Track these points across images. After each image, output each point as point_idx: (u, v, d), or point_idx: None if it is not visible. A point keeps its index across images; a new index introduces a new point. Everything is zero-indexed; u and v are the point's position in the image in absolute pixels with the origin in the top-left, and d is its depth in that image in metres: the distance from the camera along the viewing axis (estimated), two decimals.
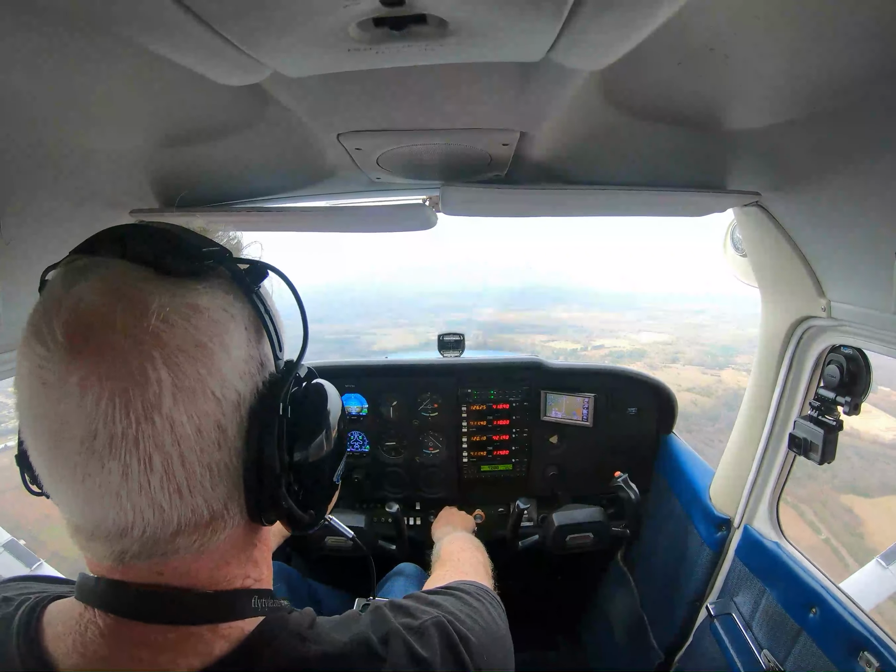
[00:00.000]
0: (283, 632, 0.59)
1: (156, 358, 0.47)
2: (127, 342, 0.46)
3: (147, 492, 0.48)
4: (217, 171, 1.29)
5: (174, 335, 0.48)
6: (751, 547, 1.70)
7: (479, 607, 0.78)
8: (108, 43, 0.67)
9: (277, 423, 0.55)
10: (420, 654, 0.62)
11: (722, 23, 0.67)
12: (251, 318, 0.57)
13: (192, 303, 0.51)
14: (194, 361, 0.49)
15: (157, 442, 0.47)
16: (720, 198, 1.29)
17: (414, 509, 2.51)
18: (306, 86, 0.84)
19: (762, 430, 1.68)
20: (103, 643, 0.53)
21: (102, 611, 0.54)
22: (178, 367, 0.48)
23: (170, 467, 0.49)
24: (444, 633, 0.67)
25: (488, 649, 0.71)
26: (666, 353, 26.36)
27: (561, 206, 1.43)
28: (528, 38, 0.66)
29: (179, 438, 0.49)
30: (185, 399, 0.48)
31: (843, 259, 1.20)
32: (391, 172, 1.35)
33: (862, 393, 1.39)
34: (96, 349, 0.46)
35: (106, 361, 0.46)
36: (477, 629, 0.72)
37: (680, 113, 0.96)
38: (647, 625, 2.18)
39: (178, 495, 0.50)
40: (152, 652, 0.53)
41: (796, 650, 1.41)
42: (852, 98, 0.79)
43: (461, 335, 2.52)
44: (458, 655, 0.66)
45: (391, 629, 0.64)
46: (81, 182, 1.16)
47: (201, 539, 0.53)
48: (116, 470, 0.47)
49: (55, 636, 0.55)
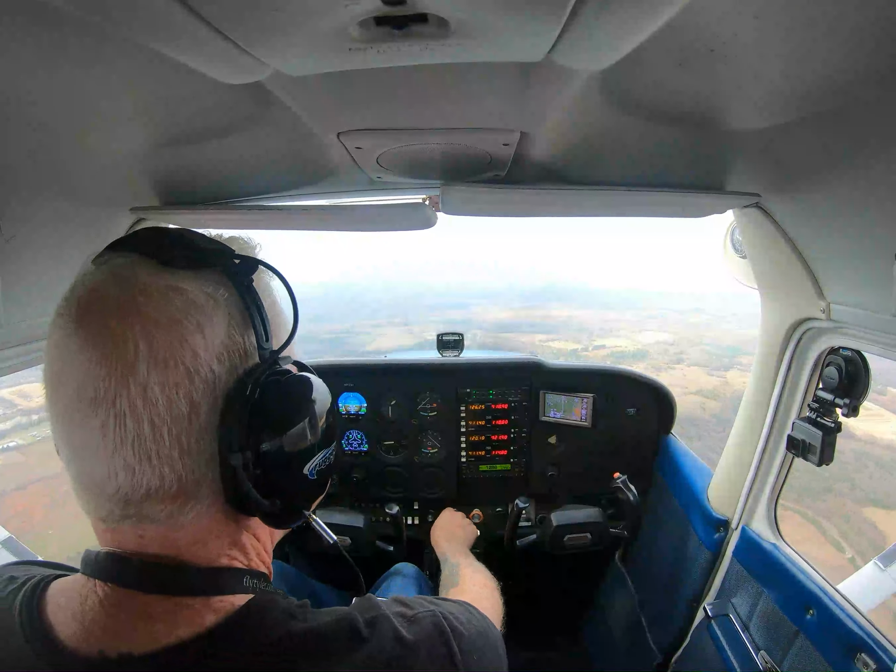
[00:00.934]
0: (273, 609, 0.62)
1: (135, 329, 0.53)
2: (115, 315, 0.54)
3: (119, 451, 0.53)
4: (217, 170, 1.29)
5: (152, 310, 0.55)
6: (748, 548, 1.70)
7: (479, 617, 0.79)
8: (108, 42, 0.68)
9: (245, 406, 0.58)
10: (406, 638, 0.64)
11: (722, 23, 0.67)
12: (239, 308, 0.61)
13: (174, 284, 0.57)
14: (168, 334, 0.54)
15: (130, 404, 0.53)
16: (720, 199, 1.30)
17: (412, 509, 2.52)
18: (307, 85, 0.84)
19: (761, 432, 1.68)
20: (101, 611, 0.56)
21: (102, 581, 0.58)
22: (154, 337, 0.54)
23: (141, 431, 0.53)
24: (436, 624, 0.69)
25: (481, 651, 0.71)
26: (669, 353, 26.06)
27: (561, 207, 1.43)
28: (529, 39, 0.66)
29: (150, 404, 0.53)
30: (157, 368, 0.54)
31: (843, 261, 1.20)
32: (391, 171, 1.35)
33: (861, 395, 1.39)
34: (93, 319, 0.54)
35: (98, 330, 0.54)
36: (473, 630, 0.73)
37: (680, 113, 0.96)
38: (644, 625, 2.19)
39: (147, 460, 0.54)
40: (147, 621, 0.56)
41: (793, 651, 1.41)
42: (852, 99, 0.79)
43: (460, 335, 2.53)
44: (449, 647, 0.67)
45: (380, 613, 0.66)
46: (82, 181, 1.16)
47: (170, 509, 0.57)
48: (97, 426, 0.53)
49: (56, 607, 0.59)
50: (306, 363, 0.73)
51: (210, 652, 0.56)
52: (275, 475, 0.62)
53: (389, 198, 1.60)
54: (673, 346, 27.45)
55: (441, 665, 0.65)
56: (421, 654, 0.64)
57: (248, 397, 0.58)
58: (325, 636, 0.60)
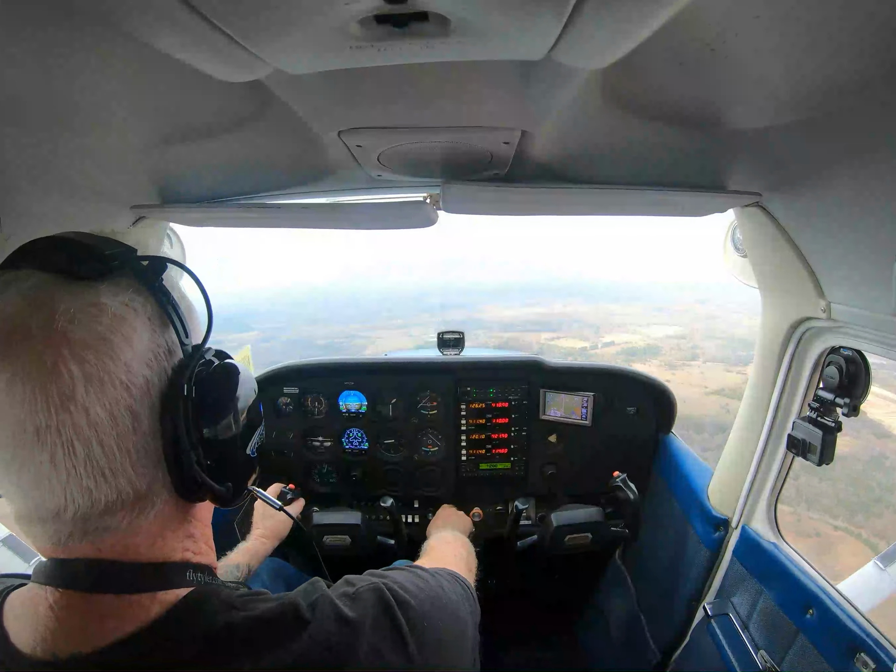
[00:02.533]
0: (212, 599, 0.62)
1: (65, 354, 0.52)
2: (40, 344, 0.52)
3: (73, 476, 0.54)
4: (218, 168, 1.29)
5: (79, 333, 0.54)
6: (748, 547, 1.70)
7: (428, 579, 0.81)
8: (109, 40, 0.67)
9: (183, 403, 0.60)
10: (347, 616, 0.65)
11: (723, 23, 0.67)
12: (154, 309, 0.62)
13: (94, 301, 0.56)
14: (99, 354, 0.54)
15: (76, 429, 0.53)
16: (721, 198, 1.29)
17: (412, 507, 2.52)
18: (308, 83, 0.84)
19: (761, 431, 1.68)
20: (52, 616, 0.57)
21: (52, 586, 0.58)
22: (86, 360, 0.53)
23: (91, 452, 0.54)
24: (379, 597, 0.69)
25: (431, 616, 0.72)
26: (681, 348, 25.03)
27: (561, 206, 1.43)
28: (530, 37, 0.66)
29: (95, 425, 0.54)
30: (95, 389, 0.53)
31: (843, 261, 1.20)
32: (392, 170, 1.35)
33: (861, 395, 1.39)
34: (16, 353, 0.52)
35: (25, 362, 0.52)
36: (421, 596, 0.74)
37: (681, 113, 0.96)
38: (644, 624, 2.19)
39: (102, 478, 0.55)
40: (97, 620, 0.57)
41: (793, 651, 1.41)
42: (853, 98, 0.79)
43: (461, 333, 2.53)
44: (394, 619, 0.68)
45: (322, 595, 0.67)
46: (82, 178, 1.16)
47: (129, 517, 0.59)
48: (45, 458, 0.53)
49: (13, 616, 0.60)
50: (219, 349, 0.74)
51: (152, 644, 0.57)
52: (224, 460, 0.67)
53: (390, 196, 1.59)
54: (685, 341, 26.42)
55: (387, 638, 0.66)
56: (365, 630, 0.64)
57: (181, 394, 0.60)
58: (267, 624, 0.61)
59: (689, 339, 26.60)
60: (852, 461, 11.61)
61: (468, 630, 0.81)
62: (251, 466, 0.74)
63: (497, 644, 2.48)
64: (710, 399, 18.98)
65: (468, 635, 0.80)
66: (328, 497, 2.47)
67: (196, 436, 0.62)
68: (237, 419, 0.68)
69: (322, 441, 2.46)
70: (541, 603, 2.80)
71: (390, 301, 44.13)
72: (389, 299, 46.01)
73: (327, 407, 2.44)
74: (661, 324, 30.84)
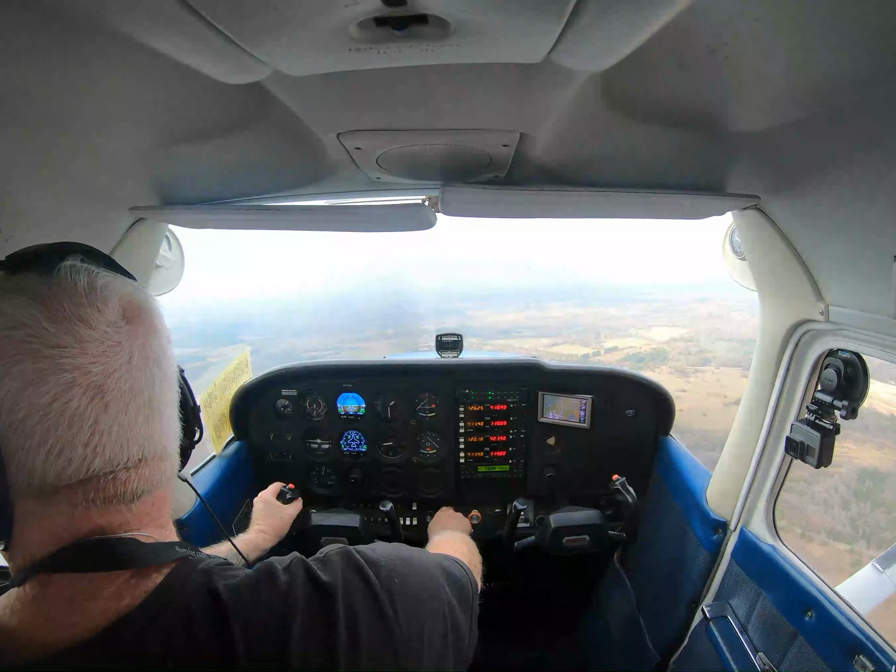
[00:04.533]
0: (194, 571, 0.65)
1: (138, 331, 0.64)
2: (119, 325, 0.61)
3: (93, 441, 0.57)
4: (217, 170, 1.29)
5: (146, 319, 0.66)
6: (747, 549, 1.70)
7: (404, 548, 0.86)
8: (109, 42, 0.67)
9: (185, 394, 0.77)
10: (321, 579, 0.68)
11: (722, 24, 0.67)
12: None
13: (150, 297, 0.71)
14: (158, 339, 0.67)
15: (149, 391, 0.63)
16: (719, 201, 1.30)
17: (411, 509, 2.52)
18: (307, 85, 0.84)
19: (759, 433, 1.68)
20: (50, 600, 0.58)
21: (45, 573, 0.58)
22: (148, 344, 0.65)
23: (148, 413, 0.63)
24: (348, 558, 0.73)
25: (403, 576, 0.75)
26: (690, 352, 24.04)
27: (560, 208, 1.43)
28: (529, 40, 0.66)
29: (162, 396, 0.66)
30: (150, 367, 0.64)
31: (842, 263, 1.20)
32: (391, 172, 1.35)
33: (859, 397, 1.39)
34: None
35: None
36: (392, 558, 0.77)
37: (680, 115, 0.97)
38: (643, 626, 2.19)
39: (118, 447, 0.59)
40: (95, 598, 0.58)
41: (792, 653, 1.41)
42: (852, 100, 0.80)
43: (459, 335, 2.53)
44: (365, 577, 0.71)
45: (295, 558, 0.72)
46: (81, 180, 1.16)
47: (149, 481, 0.63)
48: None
49: (3, 606, 0.60)
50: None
51: (147, 619, 0.59)
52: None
53: (389, 198, 1.60)
54: (692, 344, 25.53)
55: (361, 595, 0.69)
56: (339, 592, 0.67)
57: (183, 387, 0.74)
58: (246, 587, 0.64)
59: (696, 342, 25.72)
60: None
61: (445, 595, 0.82)
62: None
63: (496, 645, 2.48)
64: (730, 410, 18.13)
65: (445, 600, 0.81)
66: (327, 499, 2.47)
67: (189, 419, 0.79)
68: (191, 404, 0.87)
69: (321, 443, 2.46)
70: (539, 605, 2.79)
71: (382, 307, 43.30)
72: (382, 305, 45.13)
73: (326, 409, 2.44)
74: (662, 325, 29.98)
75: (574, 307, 39.65)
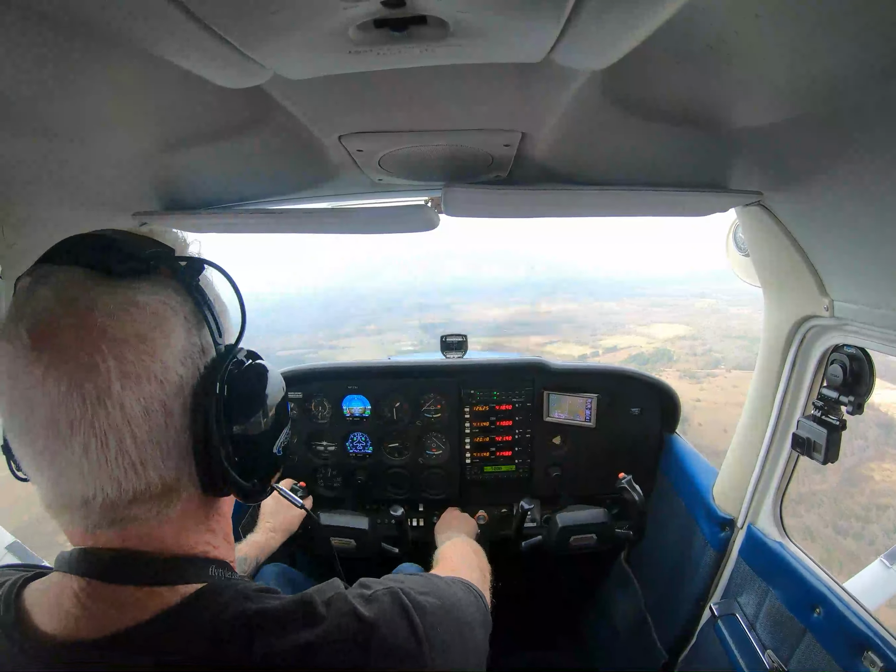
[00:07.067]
0: (228, 591, 0.63)
1: (103, 350, 0.54)
2: (78, 339, 0.53)
3: (104, 467, 0.55)
4: (219, 174, 1.30)
5: (117, 329, 0.55)
6: (754, 547, 1.69)
7: (442, 586, 0.81)
8: (110, 47, 0.68)
9: (215, 401, 0.61)
10: (365, 616, 0.65)
11: (723, 22, 0.67)
12: (192, 309, 0.63)
13: (133, 299, 0.57)
14: (137, 351, 0.56)
15: (110, 423, 0.54)
16: (722, 197, 1.29)
17: (417, 510, 2.51)
18: (307, 88, 0.85)
19: (765, 430, 1.67)
20: (76, 603, 0.59)
21: (77, 575, 0.60)
22: (123, 356, 0.55)
23: (123, 445, 0.55)
24: (396, 599, 0.70)
25: (445, 622, 0.73)
26: (697, 352, 22.40)
27: (563, 207, 1.43)
28: (528, 39, 0.66)
29: (129, 419, 0.55)
30: (131, 384, 0.55)
31: (846, 258, 1.19)
32: (393, 174, 1.35)
33: (865, 393, 1.38)
34: (53, 347, 0.53)
35: (62, 356, 0.53)
36: (435, 602, 0.74)
37: (682, 112, 0.96)
38: (650, 625, 2.18)
39: (132, 470, 0.57)
40: (120, 610, 0.59)
41: (800, 650, 1.40)
42: (854, 96, 0.79)
43: (464, 336, 2.54)
44: (411, 620, 0.68)
45: (338, 593, 0.68)
46: (84, 185, 1.17)
47: (157, 508, 0.60)
48: (78, 449, 0.54)
49: (34, 602, 0.62)
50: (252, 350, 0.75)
51: (166, 628, 0.59)
52: (251, 457, 0.68)
53: (391, 200, 1.60)
54: (698, 343, 23.80)
55: (404, 640, 0.66)
56: (382, 631, 0.65)
57: (213, 392, 0.62)
58: (280, 615, 0.62)
59: (703, 340, 24.36)
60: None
61: (478, 640, 0.81)
62: (276, 464, 0.75)
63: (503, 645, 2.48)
64: None
65: (478, 646, 0.80)
66: (333, 501, 2.47)
67: (225, 432, 0.63)
68: (265, 418, 0.70)
69: (326, 445, 2.46)
70: (546, 604, 2.79)
71: (364, 303, 41.21)
72: (363, 301, 42.98)
73: (331, 411, 2.44)
74: (663, 322, 28.83)
75: (566, 302, 37.77)
